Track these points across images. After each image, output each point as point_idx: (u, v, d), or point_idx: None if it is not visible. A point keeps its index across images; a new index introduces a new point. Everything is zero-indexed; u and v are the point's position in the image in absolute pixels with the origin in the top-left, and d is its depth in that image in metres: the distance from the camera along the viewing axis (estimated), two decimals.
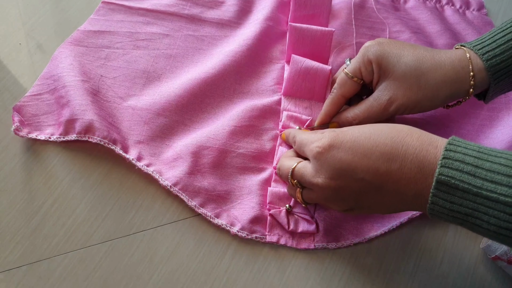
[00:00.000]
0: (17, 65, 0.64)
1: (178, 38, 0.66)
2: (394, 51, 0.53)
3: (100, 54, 0.64)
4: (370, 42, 0.54)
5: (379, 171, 0.43)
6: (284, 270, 0.52)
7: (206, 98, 0.61)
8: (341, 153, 0.45)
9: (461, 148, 0.41)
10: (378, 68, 0.53)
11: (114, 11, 0.68)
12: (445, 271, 0.53)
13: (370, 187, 0.45)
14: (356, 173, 0.44)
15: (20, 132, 0.56)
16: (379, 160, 0.43)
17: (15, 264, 0.50)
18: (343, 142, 0.46)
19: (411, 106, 0.53)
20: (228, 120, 0.59)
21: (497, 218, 0.38)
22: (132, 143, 0.57)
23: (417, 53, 0.53)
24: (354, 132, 0.46)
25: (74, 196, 0.55)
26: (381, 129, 0.46)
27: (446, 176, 0.40)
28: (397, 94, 0.52)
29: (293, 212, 0.54)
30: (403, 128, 0.45)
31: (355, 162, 0.44)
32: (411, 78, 0.52)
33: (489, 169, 0.39)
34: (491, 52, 0.52)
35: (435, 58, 0.52)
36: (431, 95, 0.52)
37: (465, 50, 0.53)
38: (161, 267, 0.51)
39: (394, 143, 0.43)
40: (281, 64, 0.66)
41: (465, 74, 0.52)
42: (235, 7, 0.70)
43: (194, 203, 0.54)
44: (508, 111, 0.64)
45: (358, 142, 0.45)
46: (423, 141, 0.43)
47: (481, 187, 0.39)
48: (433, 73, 0.51)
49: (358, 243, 0.54)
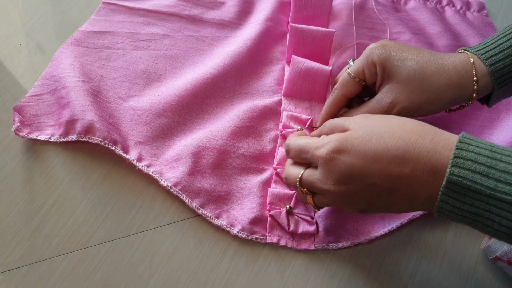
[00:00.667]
0: (17, 66, 0.64)
1: (178, 39, 0.66)
2: (399, 54, 0.52)
3: (101, 55, 0.64)
4: (375, 44, 0.54)
5: (391, 175, 0.43)
6: (284, 271, 0.53)
7: (206, 99, 0.61)
8: (351, 158, 0.44)
9: (473, 146, 0.40)
10: (382, 70, 0.52)
11: (115, 11, 0.68)
12: (445, 272, 0.54)
13: (381, 191, 0.44)
14: (367, 178, 0.44)
15: (21, 133, 0.56)
16: (390, 164, 0.42)
17: (16, 265, 0.50)
18: (353, 146, 0.44)
19: (413, 109, 0.52)
20: (229, 121, 0.60)
21: (510, 220, 0.38)
22: (133, 143, 0.57)
23: (421, 56, 0.52)
24: (365, 133, 0.45)
25: (75, 197, 0.55)
26: (392, 130, 0.44)
27: (457, 176, 0.39)
28: (400, 97, 0.52)
29: (293, 213, 0.55)
30: (415, 128, 0.44)
31: (366, 167, 0.43)
32: (415, 81, 0.51)
33: (503, 170, 0.38)
34: (495, 57, 0.52)
35: (439, 62, 0.52)
36: (434, 98, 0.52)
37: (469, 55, 0.53)
38: (161, 267, 0.52)
39: (406, 146, 0.42)
40: (282, 65, 0.66)
41: (469, 79, 0.52)
42: (235, 8, 0.70)
43: (194, 204, 0.54)
44: (509, 112, 0.65)
45: (369, 145, 0.44)
46: (436, 143, 0.42)
47: (495, 188, 0.38)
48: (436, 77, 0.51)
49: (358, 244, 0.54)
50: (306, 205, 0.56)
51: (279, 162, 0.58)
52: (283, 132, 0.60)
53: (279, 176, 0.57)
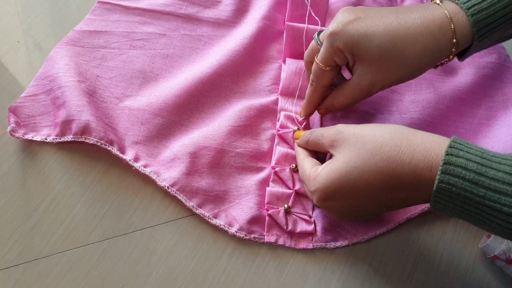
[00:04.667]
0: (15, 64, 0.64)
1: (174, 38, 0.67)
2: (364, 33, 0.49)
3: (96, 54, 0.64)
4: (334, 28, 0.50)
5: (382, 202, 0.47)
6: (283, 269, 0.54)
7: (203, 98, 0.62)
8: (337, 202, 0.48)
9: (463, 152, 0.41)
10: (351, 55, 0.51)
11: (110, 11, 0.68)
12: (444, 270, 0.54)
13: (377, 207, 0.48)
14: (361, 209, 0.48)
15: (16, 133, 0.57)
16: (376, 196, 0.46)
17: (13, 263, 0.51)
18: (336, 192, 0.47)
19: (394, 83, 0.53)
20: (225, 120, 0.61)
21: (500, 225, 0.39)
22: (129, 143, 0.58)
23: (389, 28, 0.49)
24: (342, 173, 0.46)
25: (72, 195, 0.56)
26: (368, 162, 0.45)
27: (447, 184, 0.40)
28: (377, 78, 0.51)
29: (291, 212, 0.56)
30: (391, 153, 0.44)
31: (357, 204, 0.47)
32: (389, 60, 0.50)
33: (493, 177, 0.39)
34: (477, 6, 0.49)
35: (410, 31, 0.49)
36: (412, 69, 0.51)
37: (443, 7, 0.50)
38: (159, 265, 0.52)
39: (389, 177, 0.44)
40: (278, 64, 0.67)
41: (447, 41, 0.50)
42: (231, 7, 0.71)
43: (192, 203, 0.55)
44: (506, 110, 0.65)
45: (350, 186, 0.46)
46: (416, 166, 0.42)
47: (484, 196, 0.39)
48: (411, 49, 0.49)
49: (356, 243, 0.55)
50: (304, 205, 0.57)
51: (277, 161, 0.58)
52: (280, 132, 0.61)
53: (277, 175, 0.58)
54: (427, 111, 0.64)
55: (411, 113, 0.64)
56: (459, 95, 0.66)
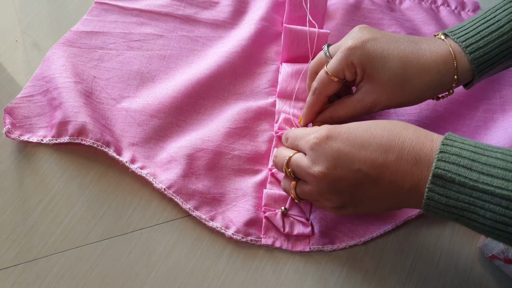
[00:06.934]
0: (13, 63, 0.66)
1: (172, 39, 0.68)
2: (379, 54, 0.53)
3: (93, 55, 0.65)
4: (353, 43, 0.53)
5: (376, 162, 0.46)
6: (281, 270, 0.54)
7: (200, 100, 0.63)
8: (338, 143, 0.48)
9: (458, 143, 0.43)
10: (362, 72, 0.54)
11: (108, 11, 0.69)
12: (442, 270, 0.55)
13: (366, 179, 0.47)
14: (353, 164, 0.47)
15: (12, 135, 0.58)
16: (376, 151, 0.46)
17: (12, 263, 0.52)
18: (341, 133, 0.48)
19: (394, 107, 0.56)
20: (223, 122, 0.61)
21: (493, 212, 0.41)
22: (126, 145, 0.59)
23: (403, 55, 0.53)
24: (351, 124, 0.49)
25: (71, 195, 0.57)
26: (377, 123, 0.48)
27: (442, 169, 0.42)
28: (381, 98, 0.54)
29: (288, 215, 0.56)
30: (398, 122, 0.48)
31: (353, 153, 0.47)
32: (396, 84, 0.53)
33: (486, 162, 0.41)
34: (475, 44, 0.53)
35: (420, 61, 0.53)
36: (414, 97, 0.55)
37: (448, 44, 0.54)
38: (158, 265, 0.53)
39: (391, 135, 0.46)
40: (276, 66, 0.68)
41: (450, 77, 0.54)
42: (230, 8, 0.72)
43: (188, 206, 0.56)
44: (503, 112, 0.66)
45: (356, 133, 0.48)
46: (419, 134, 0.46)
47: (477, 180, 0.41)
48: (418, 79, 0.53)
49: (353, 245, 0.56)
50: (301, 207, 0.57)
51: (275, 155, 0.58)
52: (278, 133, 0.62)
53: (275, 177, 0.59)
54: (425, 113, 0.66)
55: (409, 115, 0.65)
56: (457, 97, 0.67)
